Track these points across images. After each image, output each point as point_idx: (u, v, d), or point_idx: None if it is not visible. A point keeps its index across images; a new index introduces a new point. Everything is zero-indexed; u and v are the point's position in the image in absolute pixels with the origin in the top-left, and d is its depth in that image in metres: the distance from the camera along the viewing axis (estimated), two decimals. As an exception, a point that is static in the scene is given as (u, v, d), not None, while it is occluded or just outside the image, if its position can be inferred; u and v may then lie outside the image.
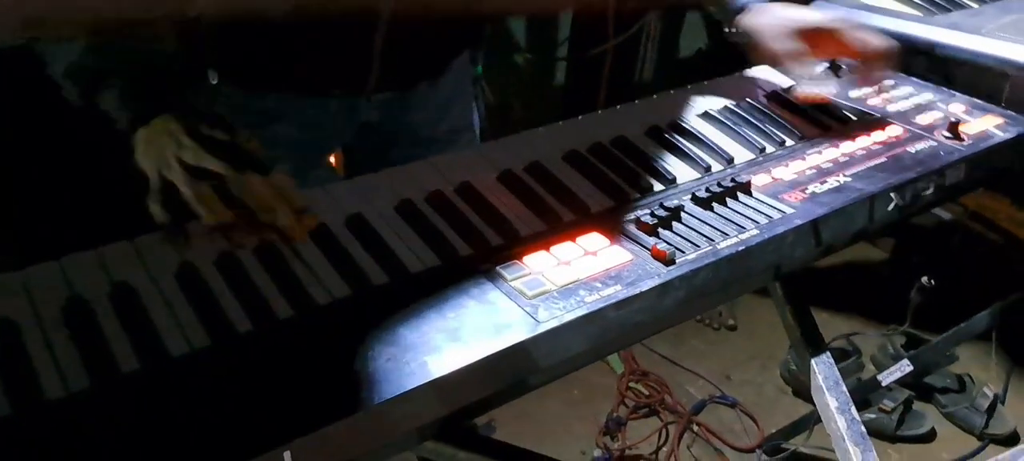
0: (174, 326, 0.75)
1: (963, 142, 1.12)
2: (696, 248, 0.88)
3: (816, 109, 1.20)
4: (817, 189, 1.00)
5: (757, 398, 2.36)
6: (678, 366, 2.46)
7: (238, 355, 0.74)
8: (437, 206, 0.95)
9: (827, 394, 0.92)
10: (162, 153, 0.88)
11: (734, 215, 0.94)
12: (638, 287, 0.83)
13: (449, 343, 0.74)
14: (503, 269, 0.84)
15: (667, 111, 1.18)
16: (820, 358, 0.96)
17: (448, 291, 0.81)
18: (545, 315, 0.78)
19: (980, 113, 1.20)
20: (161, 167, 0.87)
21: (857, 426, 0.87)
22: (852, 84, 1.29)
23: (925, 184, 1.04)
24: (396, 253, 0.87)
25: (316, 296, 0.80)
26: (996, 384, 2.29)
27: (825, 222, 0.96)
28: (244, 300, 0.79)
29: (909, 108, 1.22)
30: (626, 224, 0.93)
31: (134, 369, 0.71)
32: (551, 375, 0.83)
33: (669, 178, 1.03)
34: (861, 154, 1.09)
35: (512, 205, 0.96)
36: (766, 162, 1.07)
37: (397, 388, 0.70)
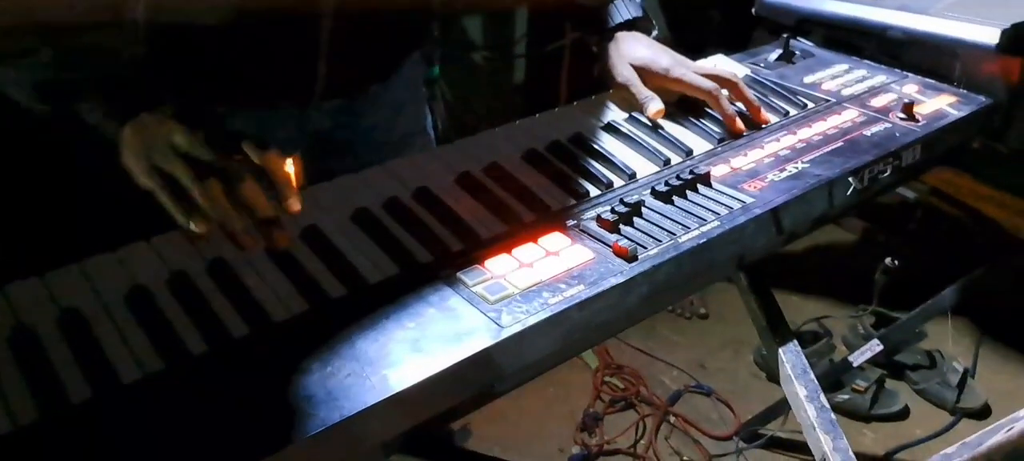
0: (125, 351, 0.73)
1: (918, 123, 1.12)
2: (657, 243, 0.88)
3: (775, 96, 1.20)
4: (776, 177, 1.00)
5: (732, 385, 2.37)
6: (652, 357, 2.46)
7: (192, 378, 0.71)
8: (394, 213, 0.93)
9: (795, 382, 0.92)
10: (154, 144, 0.86)
11: (694, 207, 0.94)
12: (601, 286, 0.82)
13: (411, 354, 0.73)
14: (464, 274, 0.83)
15: (624, 105, 1.18)
16: (787, 347, 0.96)
17: (408, 300, 0.80)
18: (508, 320, 0.77)
19: (933, 93, 1.21)
20: (155, 158, 0.86)
21: (826, 413, 0.87)
22: (805, 71, 1.30)
23: (882, 166, 1.05)
24: (353, 264, 0.85)
25: (272, 312, 0.79)
26: (966, 358, 2.32)
27: (785, 209, 0.96)
28: (197, 320, 0.77)
29: (863, 91, 1.23)
30: (587, 222, 0.92)
31: (85, 398, 0.69)
32: (518, 380, 0.82)
33: (628, 173, 1.02)
34: (818, 140, 1.09)
35: (471, 208, 0.95)
36: (724, 152, 1.07)
37: (359, 404, 0.68)
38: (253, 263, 0.84)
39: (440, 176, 1.00)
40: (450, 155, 1.05)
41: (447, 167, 1.01)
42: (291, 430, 0.65)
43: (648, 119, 1.13)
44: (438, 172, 1.01)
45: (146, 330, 0.75)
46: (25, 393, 0.69)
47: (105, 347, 0.73)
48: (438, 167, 1.02)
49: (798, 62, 1.34)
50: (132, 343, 0.74)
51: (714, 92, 1.12)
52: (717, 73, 1.16)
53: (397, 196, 0.96)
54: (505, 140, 1.08)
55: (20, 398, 0.68)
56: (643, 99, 1.15)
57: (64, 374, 0.71)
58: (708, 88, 1.13)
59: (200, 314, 0.78)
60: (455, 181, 1.00)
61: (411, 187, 0.97)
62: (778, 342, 0.97)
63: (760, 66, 1.32)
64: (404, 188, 0.97)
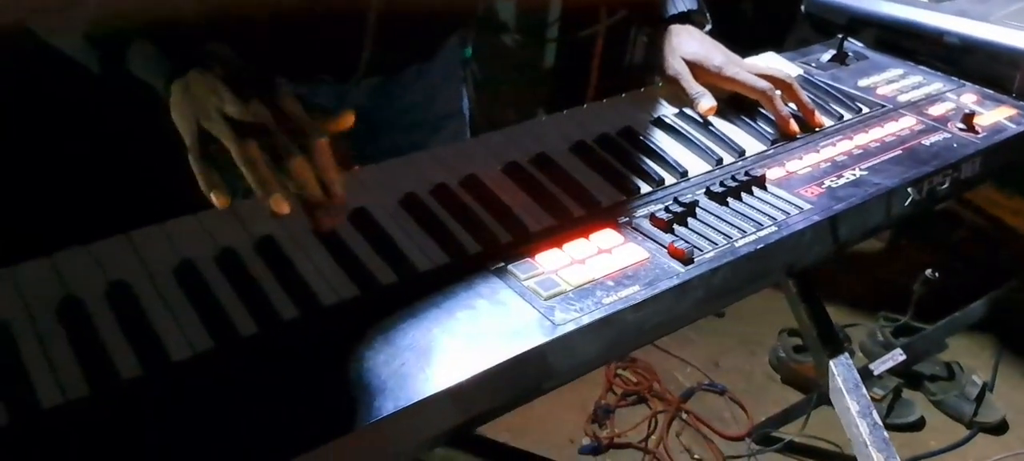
0: (175, 328, 0.71)
1: (978, 134, 1.10)
2: (714, 246, 0.85)
3: (830, 98, 1.17)
4: (833, 183, 0.98)
5: (746, 385, 2.35)
6: (666, 353, 2.44)
7: (242, 360, 0.69)
8: (442, 200, 0.91)
9: (847, 397, 0.90)
10: (204, 107, 0.82)
11: (750, 211, 0.92)
12: (657, 287, 0.79)
13: (465, 347, 0.71)
14: (515, 267, 0.80)
15: (675, 101, 1.15)
16: (838, 359, 0.93)
17: (459, 291, 0.78)
18: (562, 318, 0.75)
19: (993, 104, 1.18)
20: (203, 122, 0.82)
21: (880, 431, 0.85)
22: (859, 74, 1.27)
23: (941, 178, 1.02)
24: (403, 250, 0.83)
25: (322, 296, 0.76)
26: (985, 372, 2.30)
27: (843, 218, 0.93)
28: (247, 300, 0.75)
29: (920, 98, 1.20)
30: (639, 220, 0.89)
31: (135, 375, 0.67)
32: (565, 379, 0.80)
33: (680, 171, 1.00)
34: (875, 146, 1.06)
35: (519, 199, 0.93)
36: (778, 154, 1.05)
37: (411, 397, 0.66)
38: (301, 244, 0.82)
39: (487, 164, 0.97)
40: (496, 143, 1.02)
41: (494, 155, 0.99)
42: (345, 419, 0.63)
43: (699, 116, 1.10)
44: (485, 160, 0.98)
45: (195, 307, 0.73)
46: (76, 367, 0.67)
47: (154, 323, 0.71)
48: (485, 155, 0.99)
49: (851, 64, 1.31)
50: (182, 320, 0.72)
51: (768, 92, 1.10)
52: (771, 73, 1.13)
53: (445, 183, 0.93)
54: (552, 131, 1.06)
55: (70, 372, 0.66)
56: (694, 95, 1.12)
57: (113, 349, 0.68)
58: (762, 88, 1.10)
59: (249, 294, 0.75)
60: (502, 170, 0.97)
61: (458, 174, 0.95)
62: (829, 354, 0.94)
63: (812, 66, 1.29)
64: (451, 175, 0.95)
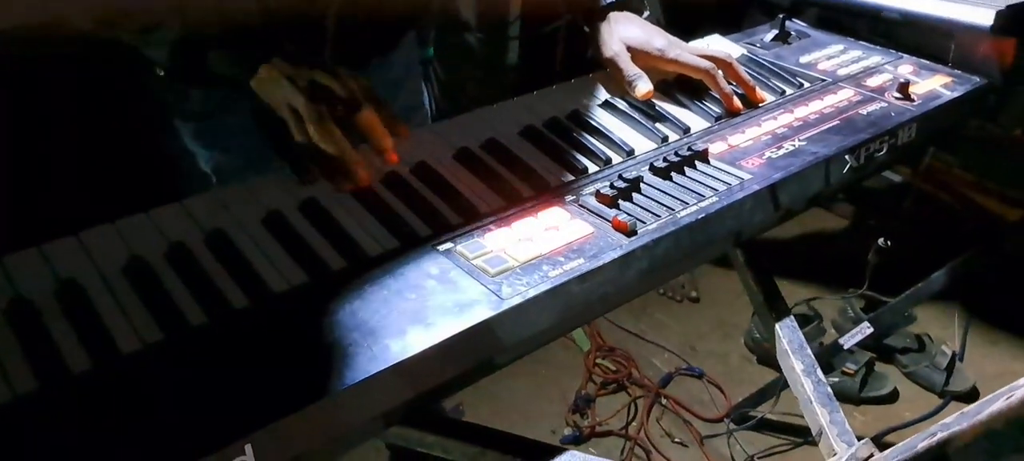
0: (124, 322, 0.73)
1: (913, 102, 1.13)
2: (656, 218, 0.88)
3: (772, 75, 1.20)
4: (773, 154, 1.01)
5: (723, 368, 2.39)
6: (643, 340, 2.47)
7: (193, 348, 0.71)
8: (393, 187, 0.93)
9: (792, 357, 0.93)
10: (280, 89, 0.94)
11: (693, 184, 0.94)
12: (601, 259, 0.82)
13: (412, 325, 0.73)
14: (464, 247, 0.83)
15: (616, 87, 1.17)
16: (784, 322, 0.96)
17: (409, 272, 0.80)
18: (509, 292, 0.77)
19: (928, 73, 1.22)
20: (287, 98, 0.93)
21: (823, 388, 0.87)
22: (801, 51, 1.30)
23: (878, 145, 1.05)
24: (353, 237, 0.85)
25: (272, 284, 0.78)
26: (954, 342, 2.34)
27: (782, 186, 0.96)
28: (196, 292, 0.77)
29: (859, 71, 1.24)
30: (586, 197, 0.92)
31: (85, 369, 0.68)
32: (517, 353, 0.82)
33: (627, 150, 1.02)
34: (814, 118, 1.09)
35: (470, 183, 0.95)
36: (722, 130, 1.08)
37: (360, 373, 0.68)
38: (252, 235, 0.84)
39: (438, 152, 1.00)
40: (448, 131, 1.05)
41: (445, 143, 1.02)
42: (293, 398, 0.65)
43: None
44: (436, 147, 1.01)
45: (145, 301, 0.75)
46: (23, 362, 0.68)
47: (104, 317, 0.73)
48: (436, 143, 1.02)
49: (794, 43, 1.34)
50: (131, 314, 0.74)
51: (710, 71, 1.12)
52: (712, 53, 1.16)
53: (395, 170, 0.95)
54: (502, 117, 1.08)
55: (18, 366, 0.68)
56: (631, 77, 1.14)
57: (63, 344, 0.70)
58: (704, 67, 1.13)
59: (200, 285, 0.77)
60: (453, 157, 1.00)
61: (410, 162, 0.97)
62: (775, 318, 0.97)
63: (756, 46, 1.33)
64: (402, 163, 0.97)
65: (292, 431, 0.65)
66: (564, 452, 0.82)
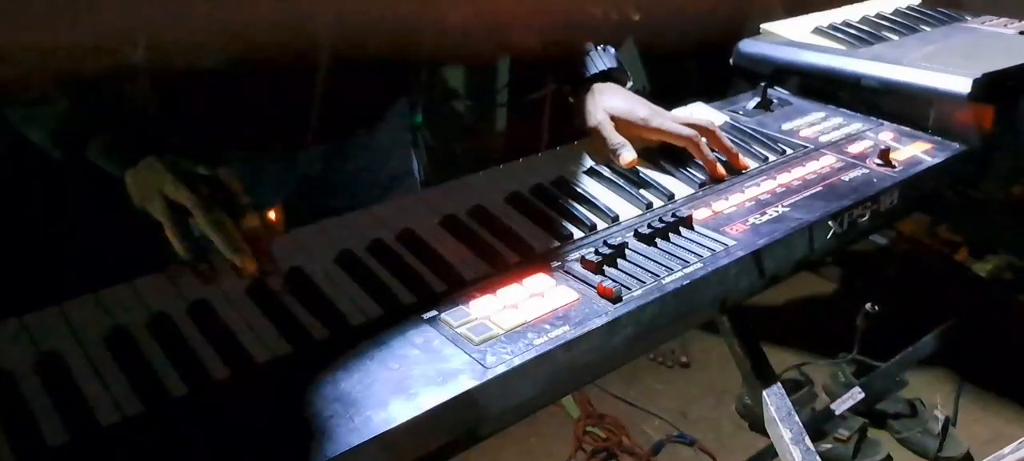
0: (103, 394, 0.72)
1: (895, 168, 1.14)
2: (642, 284, 0.88)
3: (754, 142, 1.22)
4: (757, 220, 1.01)
5: (715, 434, 2.36)
6: (634, 407, 2.44)
7: (172, 420, 0.70)
8: (378, 255, 0.93)
9: (780, 425, 0.92)
10: (148, 190, 0.91)
11: (678, 249, 0.95)
12: (586, 326, 0.82)
13: (395, 395, 0.72)
14: (448, 315, 0.82)
15: (600, 156, 1.18)
16: (771, 389, 0.96)
17: (392, 341, 0.79)
18: (493, 360, 0.77)
19: (909, 140, 1.24)
20: (146, 203, 0.91)
21: (812, 456, 0.86)
22: (783, 118, 1.32)
23: (861, 211, 1.06)
24: (337, 305, 0.85)
25: (255, 354, 0.78)
26: (947, 406, 2.33)
27: (767, 252, 0.96)
28: (177, 362, 0.76)
29: (840, 138, 1.25)
30: (571, 263, 0.92)
31: (62, 442, 0.67)
32: (502, 423, 0.81)
33: (612, 216, 1.03)
34: (797, 184, 1.10)
35: (455, 250, 0.95)
36: (706, 196, 1.08)
37: (342, 445, 0.67)
38: (236, 304, 0.84)
39: (424, 218, 1.00)
40: (434, 198, 1.05)
41: (431, 210, 1.02)
42: (273, 472, 0.64)
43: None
44: (422, 214, 1.01)
45: (126, 372, 0.74)
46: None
47: (83, 389, 0.72)
48: (422, 210, 1.02)
49: (776, 110, 1.36)
50: (111, 385, 0.73)
51: (693, 139, 1.14)
52: (695, 121, 1.18)
53: (381, 238, 0.96)
54: (489, 183, 1.09)
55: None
56: (615, 145, 1.15)
57: (41, 416, 0.69)
58: (687, 135, 1.14)
59: (180, 356, 0.77)
60: (439, 223, 1.00)
61: (395, 229, 0.97)
62: (762, 384, 0.97)
63: (739, 113, 1.35)
64: (388, 230, 0.97)
65: (271, 506, 0.64)
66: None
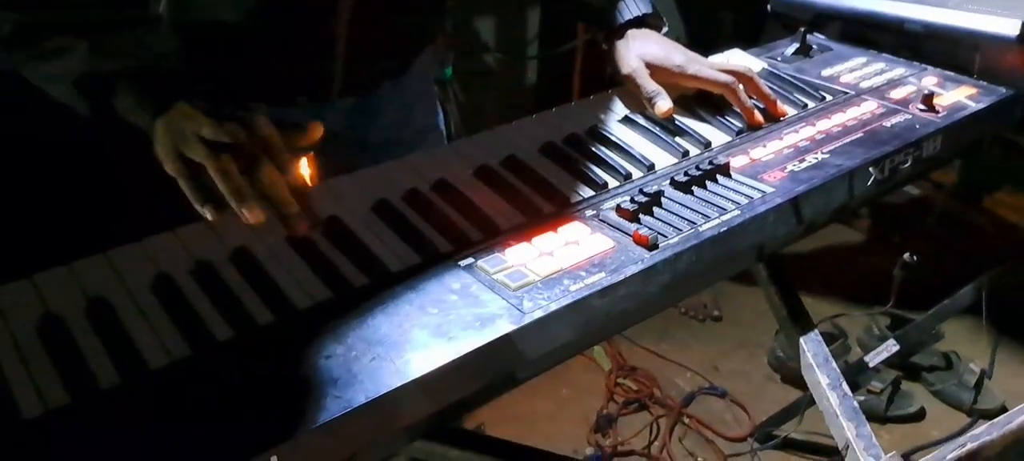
0: (152, 338, 0.73)
1: (938, 114, 1.12)
2: (678, 232, 0.88)
3: (793, 89, 1.20)
4: (796, 167, 1.00)
5: (746, 387, 2.37)
6: (665, 359, 2.46)
7: (220, 363, 0.72)
8: (414, 204, 0.93)
9: (817, 371, 0.92)
10: (182, 134, 0.88)
11: (714, 197, 0.94)
12: (622, 273, 0.82)
13: (434, 339, 0.73)
14: (485, 262, 0.83)
15: (635, 103, 1.17)
16: (808, 336, 0.95)
17: (430, 288, 0.80)
18: (530, 306, 0.77)
19: (953, 85, 1.21)
20: (182, 147, 0.87)
21: (849, 401, 0.86)
22: (823, 64, 1.30)
23: (903, 157, 1.04)
24: (375, 253, 0.85)
25: (296, 300, 0.79)
26: (982, 360, 2.31)
27: (805, 199, 0.95)
28: (222, 308, 0.77)
29: (882, 84, 1.23)
30: (606, 212, 0.92)
31: (114, 384, 0.69)
32: (538, 368, 0.82)
33: (647, 165, 1.02)
34: (837, 131, 1.09)
35: (490, 199, 0.95)
36: (743, 143, 1.07)
37: (383, 387, 0.68)
38: (276, 253, 0.85)
39: (458, 169, 1.00)
40: (468, 148, 1.05)
41: (465, 160, 1.02)
42: (316, 412, 0.66)
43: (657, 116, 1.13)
44: (456, 165, 1.01)
45: (172, 317, 0.76)
46: (56, 377, 0.69)
47: (132, 333, 0.74)
48: (456, 160, 1.02)
49: (815, 56, 1.34)
50: (159, 330, 0.74)
51: (731, 85, 1.12)
52: (732, 67, 1.16)
53: (417, 188, 0.96)
54: (522, 134, 1.08)
55: (52, 382, 0.69)
56: (650, 93, 1.14)
57: (92, 360, 0.71)
58: (725, 81, 1.13)
59: (225, 302, 0.78)
60: (473, 173, 1.00)
61: (430, 179, 0.98)
62: (799, 332, 0.96)
63: (777, 60, 1.32)
64: (423, 180, 0.98)
65: (316, 443, 0.65)
66: (588, 467, 0.81)
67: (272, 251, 0.85)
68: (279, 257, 0.85)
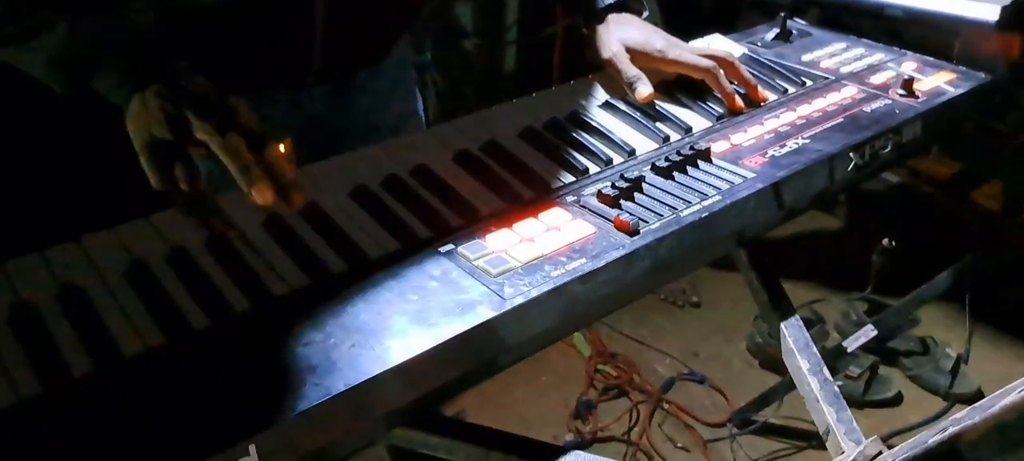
0: (126, 326, 0.72)
1: (918, 99, 1.13)
2: (659, 217, 0.87)
3: (774, 74, 1.20)
4: (776, 152, 1.00)
5: (725, 373, 2.38)
6: (645, 346, 2.46)
7: (196, 351, 0.71)
8: (393, 190, 0.92)
9: (798, 356, 0.92)
10: (155, 114, 0.85)
11: (695, 182, 0.94)
12: (603, 259, 0.81)
13: (414, 326, 0.72)
14: (466, 248, 0.82)
15: (616, 89, 1.17)
16: (789, 321, 0.96)
17: (410, 274, 0.79)
18: (511, 292, 0.77)
19: (932, 70, 1.22)
20: (153, 127, 0.84)
21: (830, 386, 0.87)
22: (803, 49, 1.30)
23: (883, 142, 1.05)
24: (353, 239, 0.84)
25: (273, 287, 0.78)
26: (958, 345, 2.33)
27: (786, 184, 0.95)
28: (198, 295, 0.76)
29: (862, 69, 1.23)
30: (587, 198, 0.91)
31: (86, 372, 0.68)
32: (519, 354, 0.81)
33: (628, 150, 1.02)
34: (818, 116, 1.09)
35: (470, 185, 0.94)
36: (724, 129, 1.07)
37: (363, 374, 0.67)
38: (252, 237, 0.84)
39: (438, 154, 0.99)
40: (447, 134, 1.04)
41: (445, 145, 1.01)
42: (295, 399, 0.65)
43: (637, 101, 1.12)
44: (436, 150, 1.00)
45: (146, 304, 0.74)
46: (26, 366, 0.68)
47: (106, 321, 0.72)
48: (436, 145, 1.01)
49: (795, 41, 1.34)
50: (133, 317, 0.73)
51: (712, 70, 1.12)
52: (713, 53, 1.16)
53: (396, 173, 0.95)
54: (502, 119, 1.08)
55: (21, 371, 0.67)
56: (631, 78, 1.13)
57: (65, 347, 0.69)
58: (706, 66, 1.12)
59: (200, 289, 0.77)
60: (453, 159, 0.99)
61: (409, 165, 0.97)
62: (779, 317, 0.96)
63: (757, 45, 1.32)
64: (402, 166, 0.96)
65: (296, 432, 0.64)
66: (569, 452, 0.81)
67: (249, 237, 0.84)
68: (256, 242, 0.83)
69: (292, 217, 0.86)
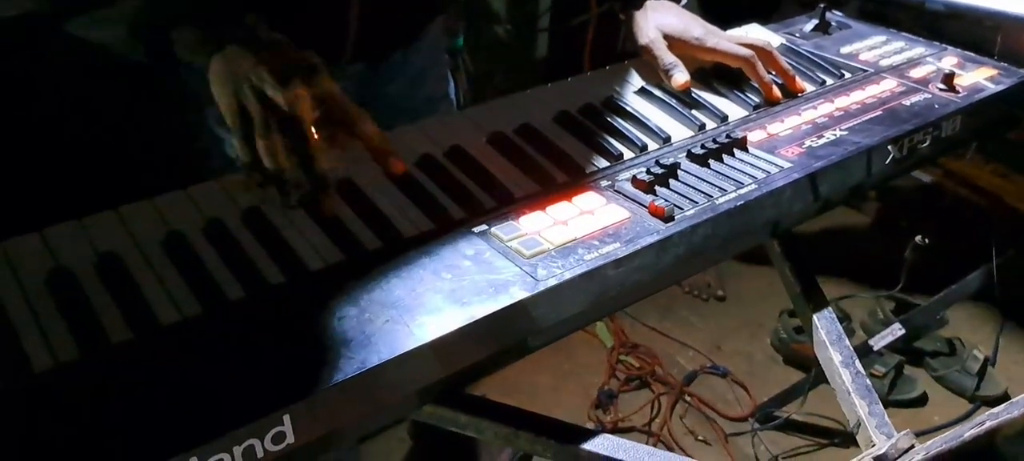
0: (163, 296, 0.73)
1: (958, 94, 1.11)
2: (694, 204, 0.87)
3: (812, 65, 1.19)
4: (813, 143, 0.99)
5: (748, 367, 2.36)
6: (668, 338, 2.45)
7: (231, 322, 0.71)
8: (428, 170, 0.92)
9: (830, 348, 0.91)
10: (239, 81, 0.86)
11: (731, 171, 0.93)
12: (637, 244, 0.81)
13: (448, 304, 0.72)
14: (499, 229, 0.82)
15: (652, 76, 1.16)
16: (821, 314, 0.95)
17: (444, 253, 0.79)
18: (544, 274, 0.76)
19: (973, 66, 1.20)
20: (238, 92, 0.86)
21: (862, 379, 0.86)
22: (841, 42, 1.28)
23: (922, 136, 1.03)
24: (388, 218, 0.85)
25: (308, 261, 0.78)
26: (986, 346, 2.30)
27: (823, 176, 0.94)
28: (235, 267, 0.76)
29: (902, 62, 1.22)
30: (622, 183, 0.91)
31: (125, 339, 0.68)
32: (550, 336, 0.81)
33: (663, 137, 1.01)
34: (856, 108, 1.08)
35: (504, 167, 0.94)
36: (760, 118, 1.06)
37: (397, 349, 0.68)
38: (286, 214, 0.84)
39: (472, 136, 0.99)
40: (482, 116, 1.04)
41: (479, 128, 1.01)
42: (329, 373, 0.65)
43: (673, 89, 1.12)
44: (470, 132, 1.00)
45: (183, 274, 0.75)
46: (67, 332, 0.69)
47: (143, 289, 0.73)
48: (470, 127, 1.01)
49: (834, 33, 1.32)
50: (170, 286, 0.74)
51: (750, 59, 1.11)
52: (751, 41, 1.15)
53: (430, 153, 0.95)
54: (537, 102, 1.07)
55: (62, 337, 0.68)
56: (667, 65, 1.13)
57: (103, 314, 0.70)
58: (744, 55, 1.11)
59: (236, 261, 0.77)
60: (487, 141, 0.99)
61: (444, 146, 0.97)
62: (812, 309, 0.96)
63: (795, 36, 1.31)
64: (437, 147, 0.97)
65: (329, 404, 0.64)
66: (597, 434, 0.81)
67: (283, 212, 0.84)
68: (290, 218, 0.84)
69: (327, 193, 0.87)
